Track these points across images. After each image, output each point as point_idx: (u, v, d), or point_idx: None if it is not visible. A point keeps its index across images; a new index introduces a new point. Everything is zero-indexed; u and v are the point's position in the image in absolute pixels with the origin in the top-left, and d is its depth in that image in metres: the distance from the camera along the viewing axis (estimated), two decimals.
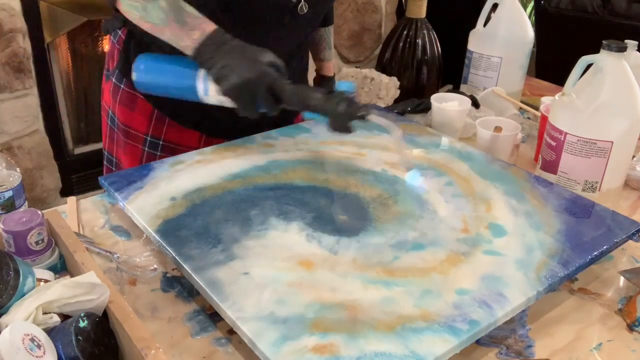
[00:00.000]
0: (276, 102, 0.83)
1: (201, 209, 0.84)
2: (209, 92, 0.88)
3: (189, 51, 0.84)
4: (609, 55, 0.93)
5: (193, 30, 0.83)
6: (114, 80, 1.09)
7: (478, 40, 1.44)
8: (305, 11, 0.99)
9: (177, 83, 0.91)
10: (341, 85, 0.85)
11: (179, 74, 0.90)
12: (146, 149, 1.09)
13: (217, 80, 0.83)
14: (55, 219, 0.78)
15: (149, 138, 1.08)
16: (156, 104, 1.06)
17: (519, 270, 0.74)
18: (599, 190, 0.98)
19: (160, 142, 1.08)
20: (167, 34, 0.85)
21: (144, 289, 0.77)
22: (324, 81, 1.30)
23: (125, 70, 1.05)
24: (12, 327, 0.54)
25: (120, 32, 1.06)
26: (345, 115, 0.82)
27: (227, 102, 0.87)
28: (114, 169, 1.16)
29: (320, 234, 0.80)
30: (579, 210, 0.89)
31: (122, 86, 1.08)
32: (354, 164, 0.99)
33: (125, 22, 1.03)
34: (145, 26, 0.87)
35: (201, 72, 0.87)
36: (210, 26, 0.84)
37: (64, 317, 0.62)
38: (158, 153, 1.09)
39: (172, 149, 1.09)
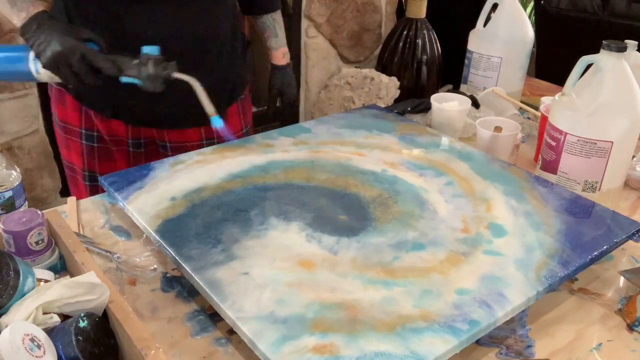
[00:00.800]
0: (94, 71, 0.90)
1: (201, 209, 0.84)
2: (39, 70, 0.93)
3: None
4: (609, 55, 0.93)
5: (21, 12, 0.91)
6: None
7: (478, 40, 1.44)
8: None
9: (10, 67, 0.95)
10: (145, 49, 0.91)
11: (9, 59, 0.95)
12: (84, 142, 1.11)
13: (38, 55, 0.90)
14: (55, 219, 0.78)
15: (83, 131, 1.10)
16: (77, 96, 1.07)
17: (519, 270, 0.74)
18: (599, 190, 0.98)
19: (95, 134, 1.11)
20: (1, 9, 0.93)
21: (144, 289, 0.77)
22: (275, 70, 1.27)
23: None
24: (12, 327, 0.54)
25: None
26: (154, 76, 0.90)
27: (56, 78, 0.92)
28: (65, 170, 1.18)
29: (320, 234, 0.80)
30: (579, 210, 0.89)
31: (53, 85, 1.10)
32: (354, 164, 0.99)
33: None
34: None
35: (31, 54, 0.92)
36: (36, 8, 0.91)
37: (64, 317, 0.62)
38: (95, 145, 1.11)
39: (106, 140, 1.11)
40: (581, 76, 0.97)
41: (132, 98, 1.01)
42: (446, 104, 1.22)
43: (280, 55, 1.26)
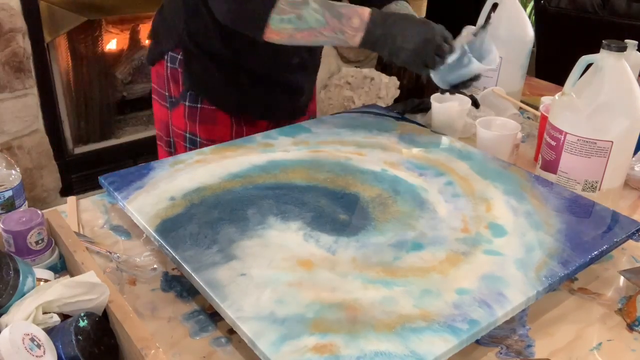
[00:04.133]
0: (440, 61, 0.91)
1: (201, 209, 0.84)
2: None
3: (353, 41, 0.85)
4: (609, 55, 0.93)
5: (351, 19, 0.85)
6: (187, 103, 1.11)
7: None
8: None
9: None
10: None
11: None
12: None
13: (391, 54, 0.87)
14: (55, 218, 0.78)
15: None
16: (233, 108, 1.10)
17: (519, 270, 0.74)
18: (599, 190, 0.98)
19: None
20: (325, 34, 0.86)
21: (144, 288, 0.77)
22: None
23: (201, 88, 1.09)
24: (12, 327, 0.54)
25: (178, 55, 1.08)
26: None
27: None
28: None
29: (319, 233, 0.80)
30: (579, 210, 0.89)
31: (199, 105, 1.11)
32: (353, 164, 0.99)
33: (177, 44, 1.07)
34: (299, 36, 0.87)
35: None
36: (363, 9, 0.86)
37: (64, 316, 0.62)
38: None
39: None
40: (581, 76, 0.97)
41: (281, 95, 1.11)
42: (446, 104, 1.22)
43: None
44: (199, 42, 1.07)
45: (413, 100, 1.37)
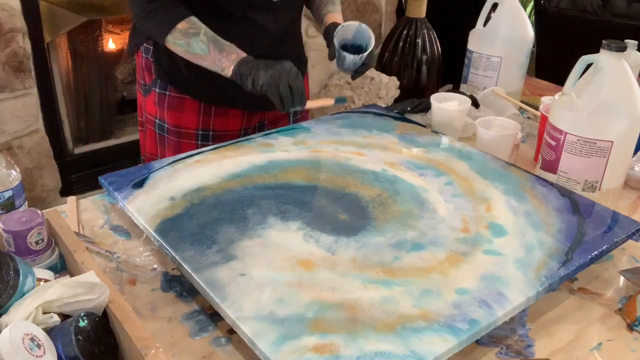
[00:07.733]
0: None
1: (200, 209, 0.84)
2: None
3: (227, 70, 1.03)
4: (609, 55, 0.93)
5: (230, 55, 1.03)
6: (157, 90, 1.18)
7: (478, 40, 1.44)
8: None
9: None
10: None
11: None
12: (199, 142, 1.19)
13: (253, 84, 1.02)
14: (55, 218, 0.78)
15: (200, 132, 1.18)
16: (200, 96, 1.15)
17: (518, 270, 0.74)
18: (599, 189, 0.98)
19: (210, 133, 1.19)
20: (207, 60, 1.04)
21: (144, 288, 0.77)
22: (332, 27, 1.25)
23: (168, 76, 1.16)
24: (12, 327, 0.54)
25: (150, 47, 1.16)
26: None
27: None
28: None
29: (319, 233, 0.80)
30: (578, 210, 0.89)
31: (167, 93, 1.17)
32: (353, 164, 0.99)
33: (149, 36, 1.16)
34: (188, 56, 1.06)
35: None
36: (242, 52, 1.04)
37: (64, 316, 0.62)
38: (210, 143, 1.18)
39: (221, 137, 1.19)
40: (581, 76, 0.97)
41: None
42: (446, 104, 1.22)
43: (340, 17, 1.25)
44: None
45: (413, 100, 1.37)
